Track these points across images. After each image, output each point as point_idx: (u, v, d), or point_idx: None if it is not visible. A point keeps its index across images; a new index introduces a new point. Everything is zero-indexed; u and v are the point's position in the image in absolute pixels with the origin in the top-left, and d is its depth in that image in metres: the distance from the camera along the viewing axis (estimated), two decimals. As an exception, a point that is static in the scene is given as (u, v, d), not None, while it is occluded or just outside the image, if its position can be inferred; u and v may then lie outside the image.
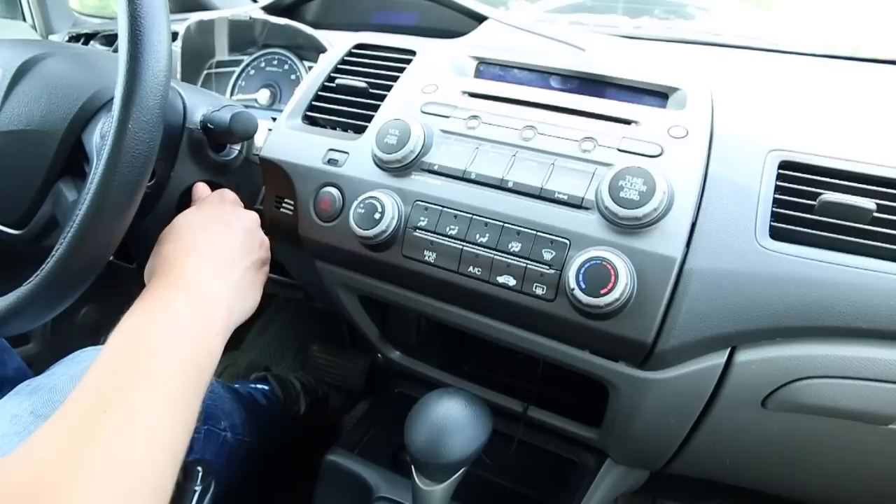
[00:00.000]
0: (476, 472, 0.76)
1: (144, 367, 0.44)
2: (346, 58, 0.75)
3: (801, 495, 0.72)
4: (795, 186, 0.53)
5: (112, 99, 0.52)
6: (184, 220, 0.59)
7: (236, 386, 0.99)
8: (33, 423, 0.54)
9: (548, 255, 0.54)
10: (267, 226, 0.77)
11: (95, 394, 0.41)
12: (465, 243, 0.57)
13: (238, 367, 1.32)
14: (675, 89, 0.61)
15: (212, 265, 0.55)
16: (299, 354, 1.36)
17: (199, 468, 0.53)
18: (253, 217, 0.63)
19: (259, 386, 1.07)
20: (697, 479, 0.73)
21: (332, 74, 0.74)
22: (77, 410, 0.40)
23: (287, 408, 1.09)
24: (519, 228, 0.56)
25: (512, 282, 0.55)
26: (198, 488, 0.52)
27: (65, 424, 0.39)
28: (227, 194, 0.66)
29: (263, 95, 0.99)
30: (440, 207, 0.58)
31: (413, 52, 0.73)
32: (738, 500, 0.88)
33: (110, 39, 1.14)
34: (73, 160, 0.65)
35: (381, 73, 0.72)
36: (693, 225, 0.52)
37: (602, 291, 0.50)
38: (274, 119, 0.76)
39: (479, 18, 0.90)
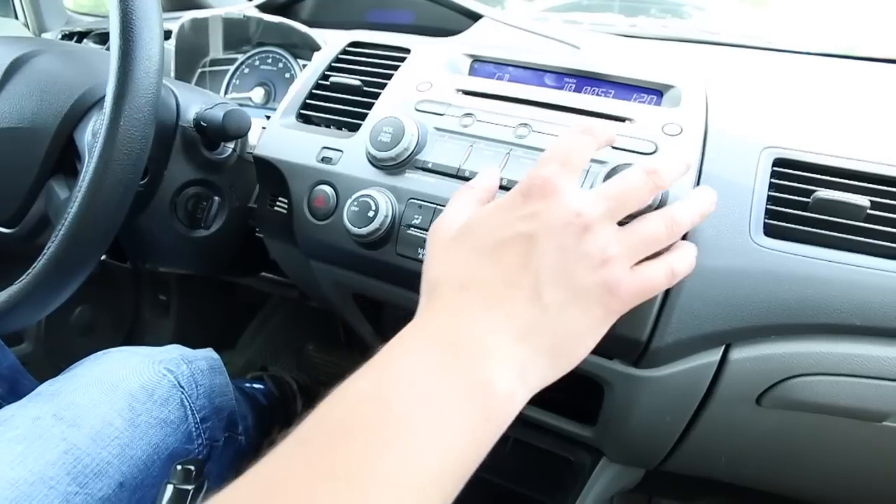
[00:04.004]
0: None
1: (343, 465, 0.30)
2: (341, 56, 0.75)
3: (796, 492, 0.72)
4: (790, 184, 0.53)
5: (104, 96, 0.52)
6: (473, 228, 0.43)
7: (246, 386, 0.99)
8: (55, 426, 0.54)
9: (542, 253, 0.54)
10: (261, 225, 0.77)
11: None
12: (459, 241, 0.57)
13: (234, 366, 1.32)
14: (669, 87, 0.61)
15: (491, 308, 0.38)
16: (295, 354, 1.36)
17: (192, 468, 0.53)
18: (580, 216, 0.40)
19: (257, 385, 1.07)
20: (693, 477, 0.73)
21: (326, 72, 0.74)
22: None
23: (285, 407, 1.09)
24: (513, 226, 0.55)
25: (506, 280, 0.55)
26: (190, 487, 0.52)
27: None
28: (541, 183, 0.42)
29: (258, 94, 0.99)
30: (434, 205, 0.58)
31: (407, 50, 0.73)
32: (734, 498, 0.88)
33: (103, 38, 1.13)
34: (64, 158, 0.65)
35: (375, 70, 0.72)
36: (687, 222, 0.52)
37: (596, 289, 0.49)
38: (268, 117, 0.76)
39: (475, 17, 0.89)
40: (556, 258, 0.39)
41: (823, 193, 0.51)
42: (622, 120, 0.58)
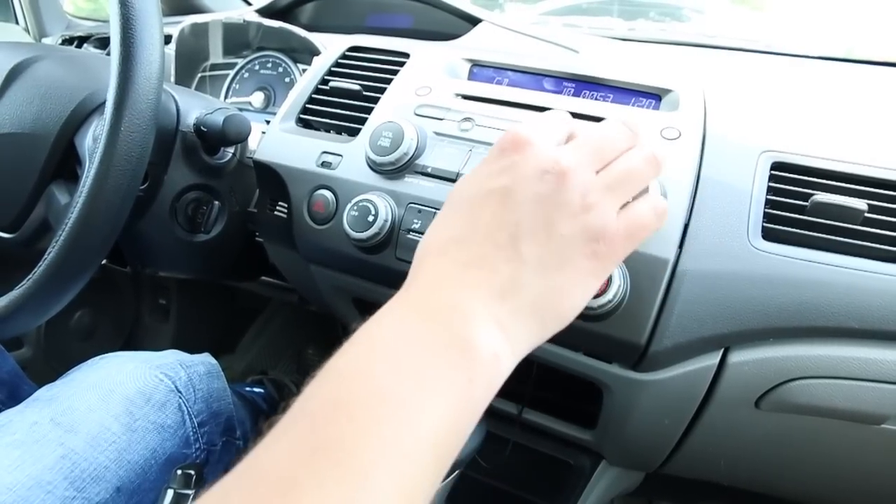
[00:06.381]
0: (471, 474, 0.76)
1: (330, 442, 0.29)
2: (340, 60, 0.76)
3: (795, 495, 0.72)
4: (787, 187, 0.53)
5: (105, 102, 0.52)
6: (454, 192, 0.42)
7: (246, 390, 0.99)
8: (53, 431, 0.54)
9: (541, 257, 0.54)
10: (261, 229, 0.77)
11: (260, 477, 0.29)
12: (458, 245, 0.57)
13: (234, 371, 1.32)
14: (667, 91, 0.62)
15: (470, 267, 0.37)
16: (295, 358, 1.36)
17: (192, 472, 0.53)
18: (554, 166, 0.39)
19: (257, 389, 1.07)
20: (693, 480, 0.73)
21: (325, 77, 0.74)
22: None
23: (284, 411, 1.08)
24: (512, 230, 0.55)
25: (505, 284, 0.55)
26: (190, 492, 0.52)
27: None
28: (527, 133, 0.41)
29: (258, 98, 0.99)
30: (433, 210, 0.58)
31: (407, 55, 0.73)
32: (733, 501, 0.88)
33: (104, 42, 1.14)
34: (65, 163, 0.65)
35: (374, 75, 0.72)
36: (685, 226, 0.52)
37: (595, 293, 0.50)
38: (268, 122, 0.76)
39: (474, 21, 0.90)
40: (534, 209, 0.37)
41: (821, 197, 0.51)
42: (620, 124, 0.58)
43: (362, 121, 0.67)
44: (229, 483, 0.29)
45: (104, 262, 0.71)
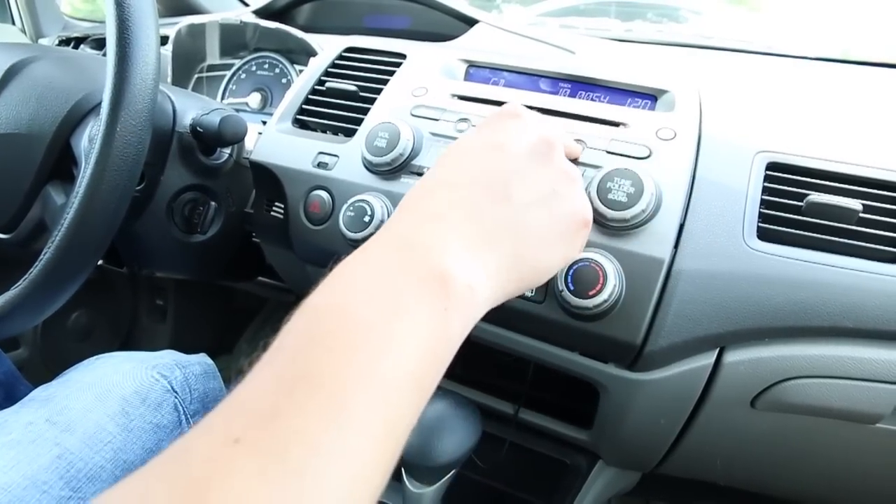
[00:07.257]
0: (467, 474, 0.76)
1: (310, 371, 0.29)
2: (337, 61, 0.76)
3: (791, 495, 0.72)
4: (783, 187, 0.53)
5: (101, 102, 0.52)
6: (450, 147, 0.43)
7: None
8: (48, 431, 0.53)
9: (537, 257, 0.54)
10: (257, 230, 0.77)
11: (226, 423, 0.28)
12: (454, 245, 0.57)
13: (231, 371, 1.32)
14: (663, 91, 0.62)
15: (455, 206, 0.37)
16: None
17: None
18: (546, 136, 0.42)
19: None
20: (690, 479, 0.73)
21: (322, 78, 0.74)
22: (205, 440, 0.27)
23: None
24: (508, 230, 0.55)
25: (501, 284, 0.55)
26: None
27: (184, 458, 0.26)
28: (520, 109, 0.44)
29: (254, 99, 0.99)
30: (430, 210, 0.58)
31: (403, 56, 0.73)
32: (730, 501, 0.88)
33: (100, 43, 1.14)
34: (61, 164, 0.65)
35: (371, 76, 0.72)
36: (681, 226, 0.52)
37: (590, 293, 0.50)
38: (264, 123, 0.76)
39: (470, 22, 0.90)
40: (527, 161, 0.39)
41: (816, 197, 0.51)
42: (616, 125, 0.59)
43: (359, 121, 0.67)
44: (213, 417, 0.28)
45: (101, 262, 0.71)
